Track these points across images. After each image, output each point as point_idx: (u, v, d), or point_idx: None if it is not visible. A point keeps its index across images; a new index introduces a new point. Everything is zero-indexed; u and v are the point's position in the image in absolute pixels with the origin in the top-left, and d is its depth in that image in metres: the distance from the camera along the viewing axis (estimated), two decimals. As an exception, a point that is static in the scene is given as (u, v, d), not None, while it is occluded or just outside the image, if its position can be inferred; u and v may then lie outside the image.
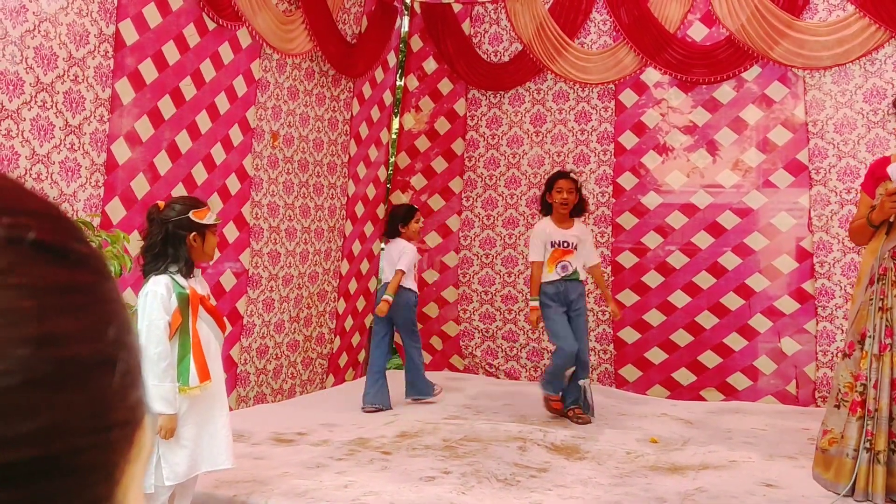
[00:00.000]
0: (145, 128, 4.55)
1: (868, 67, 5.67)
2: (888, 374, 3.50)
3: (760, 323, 5.92)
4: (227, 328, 3.38)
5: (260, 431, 4.61)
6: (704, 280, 6.09)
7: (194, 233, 2.97)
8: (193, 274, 3.03)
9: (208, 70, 4.98)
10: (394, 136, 7.36)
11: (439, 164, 6.99)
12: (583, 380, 5.11)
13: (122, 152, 4.40)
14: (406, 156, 7.13)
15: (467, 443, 4.51)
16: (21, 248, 0.34)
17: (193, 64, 4.87)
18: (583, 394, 5.11)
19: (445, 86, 6.99)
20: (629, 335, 6.31)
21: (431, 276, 6.97)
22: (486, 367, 6.76)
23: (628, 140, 6.38)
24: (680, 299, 6.14)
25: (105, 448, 0.35)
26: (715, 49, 6.08)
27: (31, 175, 3.86)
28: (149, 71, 4.54)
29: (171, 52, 4.69)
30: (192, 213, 2.97)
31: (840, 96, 5.75)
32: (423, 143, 7.06)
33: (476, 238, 6.86)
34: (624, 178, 6.37)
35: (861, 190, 3.91)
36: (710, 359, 6.04)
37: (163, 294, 2.88)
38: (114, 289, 0.39)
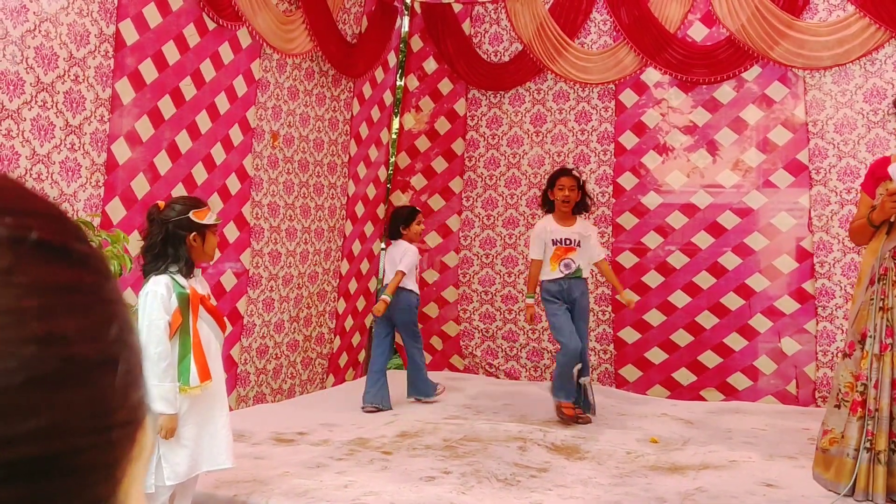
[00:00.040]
0: (145, 128, 4.55)
1: (868, 67, 5.67)
2: (889, 373, 3.51)
3: (760, 323, 5.92)
4: (228, 328, 3.38)
5: (260, 431, 4.61)
6: (704, 280, 6.09)
7: (194, 233, 2.97)
8: (193, 274, 3.03)
9: (208, 70, 4.98)
10: (394, 136, 7.35)
11: (439, 164, 6.99)
12: (583, 378, 5.10)
13: (123, 152, 4.41)
14: (406, 156, 7.12)
15: (467, 443, 4.51)
16: (23, 248, 0.34)
17: (193, 64, 4.87)
18: (583, 393, 5.11)
19: (446, 86, 6.99)
20: (629, 335, 6.31)
21: (431, 276, 6.97)
22: (486, 367, 6.76)
23: (628, 140, 6.38)
24: (680, 299, 6.14)
25: (106, 447, 0.35)
26: (715, 49, 6.08)
27: (31, 175, 3.86)
28: (149, 71, 4.55)
29: (172, 52, 4.69)
30: (193, 214, 2.97)
31: (840, 96, 5.75)
32: (423, 143, 7.06)
33: (476, 238, 6.86)
34: (624, 178, 6.37)
35: (861, 190, 3.91)
36: (710, 359, 6.04)
37: (163, 294, 2.88)
38: (115, 288, 0.39)
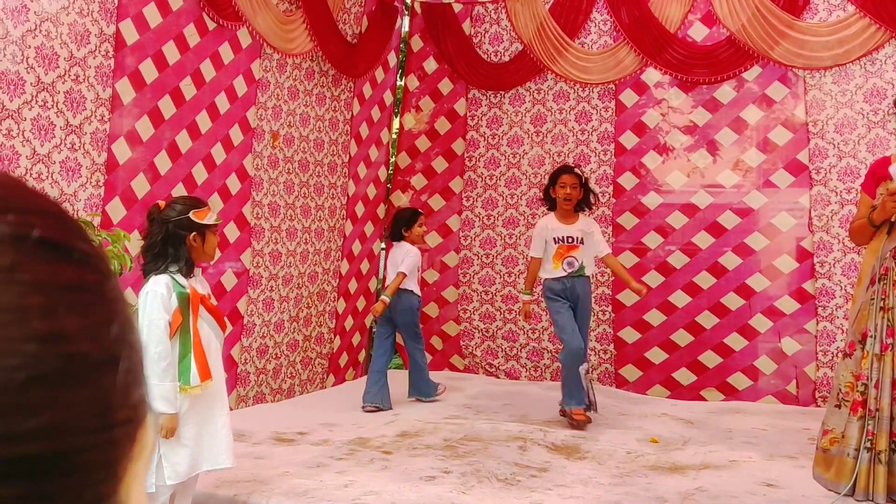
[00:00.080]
0: (146, 127, 4.55)
1: (868, 67, 5.67)
2: (889, 373, 3.51)
3: (761, 323, 5.92)
4: (228, 327, 3.38)
5: (260, 431, 4.61)
6: (705, 280, 6.08)
7: (194, 233, 2.97)
8: (193, 273, 3.03)
9: (208, 70, 4.98)
10: (394, 135, 7.35)
11: (440, 164, 6.99)
12: (583, 368, 5.03)
13: (123, 152, 4.41)
14: (406, 156, 7.12)
15: (468, 442, 4.51)
16: (25, 246, 0.34)
17: (193, 64, 4.87)
18: (585, 392, 5.08)
19: (446, 86, 6.99)
20: (629, 335, 6.31)
21: (432, 276, 6.97)
22: (487, 367, 6.76)
23: (629, 140, 6.38)
24: (680, 299, 6.14)
25: (108, 446, 0.35)
26: (715, 49, 6.07)
27: (31, 175, 3.86)
28: (149, 71, 4.55)
29: (172, 52, 4.69)
30: (193, 214, 2.97)
31: (840, 96, 5.75)
32: (423, 143, 7.06)
33: (476, 238, 6.86)
34: (624, 178, 6.37)
35: (861, 190, 3.91)
36: (710, 359, 6.04)
37: (163, 294, 2.87)
38: (116, 287, 0.39)
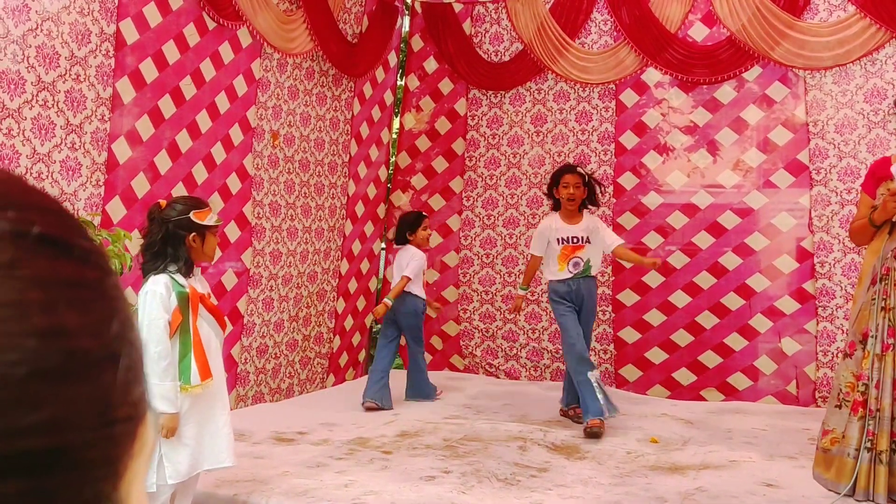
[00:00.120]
0: (146, 127, 4.55)
1: (869, 68, 5.67)
2: (890, 373, 3.50)
3: (761, 323, 5.92)
4: (228, 327, 3.38)
5: (260, 431, 4.61)
6: (705, 280, 6.08)
7: (194, 233, 2.96)
8: (193, 273, 3.02)
9: (208, 69, 4.98)
10: (394, 135, 7.35)
11: (440, 164, 6.99)
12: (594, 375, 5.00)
13: (123, 151, 4.41)
14: (407, 155, 7.12)
15: (467, 442, 4.51)
16: (26, 242, 0.34)
17: (194, 63, 4.87)
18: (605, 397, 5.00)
19: (446, 85, 6.98)
20: (629, 335, 6.31)
21: (432, 276, 6.96)
22: (486, 367, 6.76)
23: (629, 140, 6.38)
24: (680, 299, 6.14)
25: (108, 443, 0.35)
26: (716, 49, 6.07)
27: (31, 174, 3.86)
28: (149, 70, 4.55)
29: (172, 52, 4.69)
30: (193, 214, 2.96)
31: (841, 96, 5.75)
32: (423, 143, 7.06)
33: (476, 238, 6.86)
34: (624, 178, 6.37)
35: (861, 190, 3.91)
36: (710, 359, 6.04)
37: (162, 293, 2.87)
38: (116, 284, 0.39)
